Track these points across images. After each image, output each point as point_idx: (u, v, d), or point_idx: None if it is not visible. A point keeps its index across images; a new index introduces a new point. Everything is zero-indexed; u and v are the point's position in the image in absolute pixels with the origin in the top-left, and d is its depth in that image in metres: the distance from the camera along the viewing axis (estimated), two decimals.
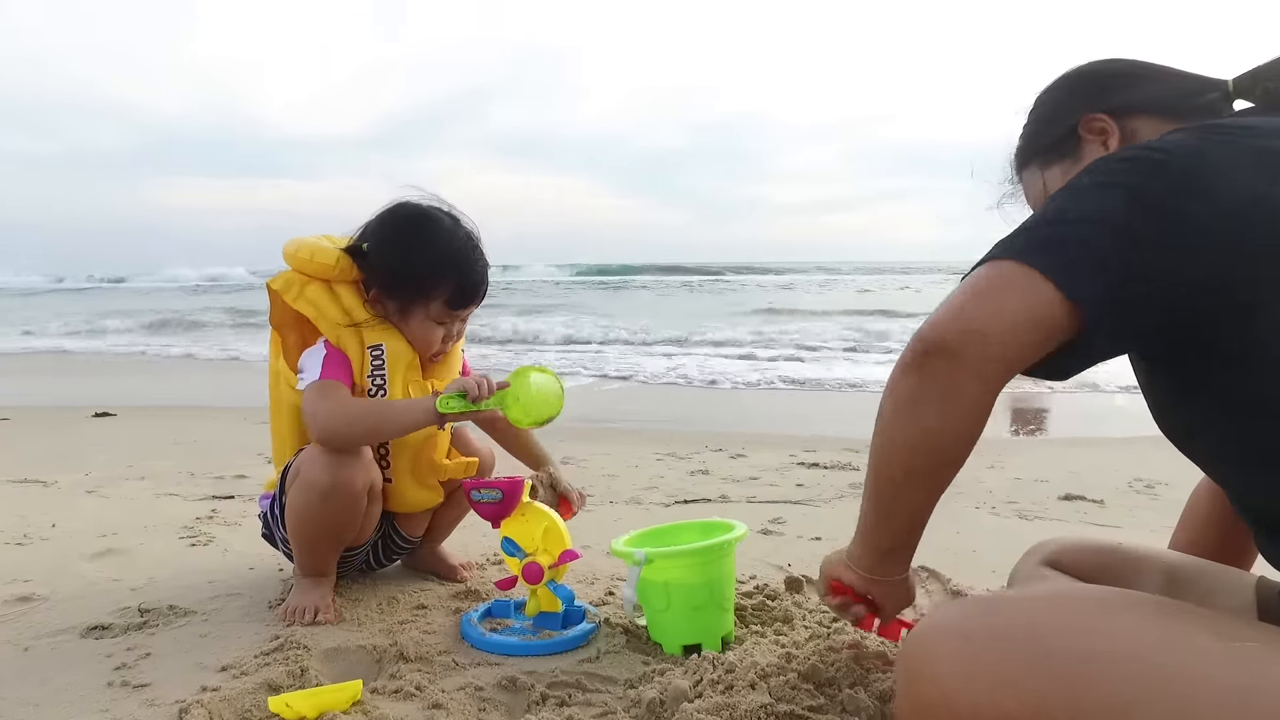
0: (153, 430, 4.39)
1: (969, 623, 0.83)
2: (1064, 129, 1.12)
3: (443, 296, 1.68)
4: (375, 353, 1.67)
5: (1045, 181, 1.17)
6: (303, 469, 1.60)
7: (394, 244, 1.68)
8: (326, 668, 1.40)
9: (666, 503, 2.80)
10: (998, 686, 0.77)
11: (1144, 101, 1.07)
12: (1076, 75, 1.15)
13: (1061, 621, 0.80)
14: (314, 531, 1.62)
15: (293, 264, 1.71)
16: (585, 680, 1.36)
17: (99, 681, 1.35)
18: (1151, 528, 2.45)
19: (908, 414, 0.91)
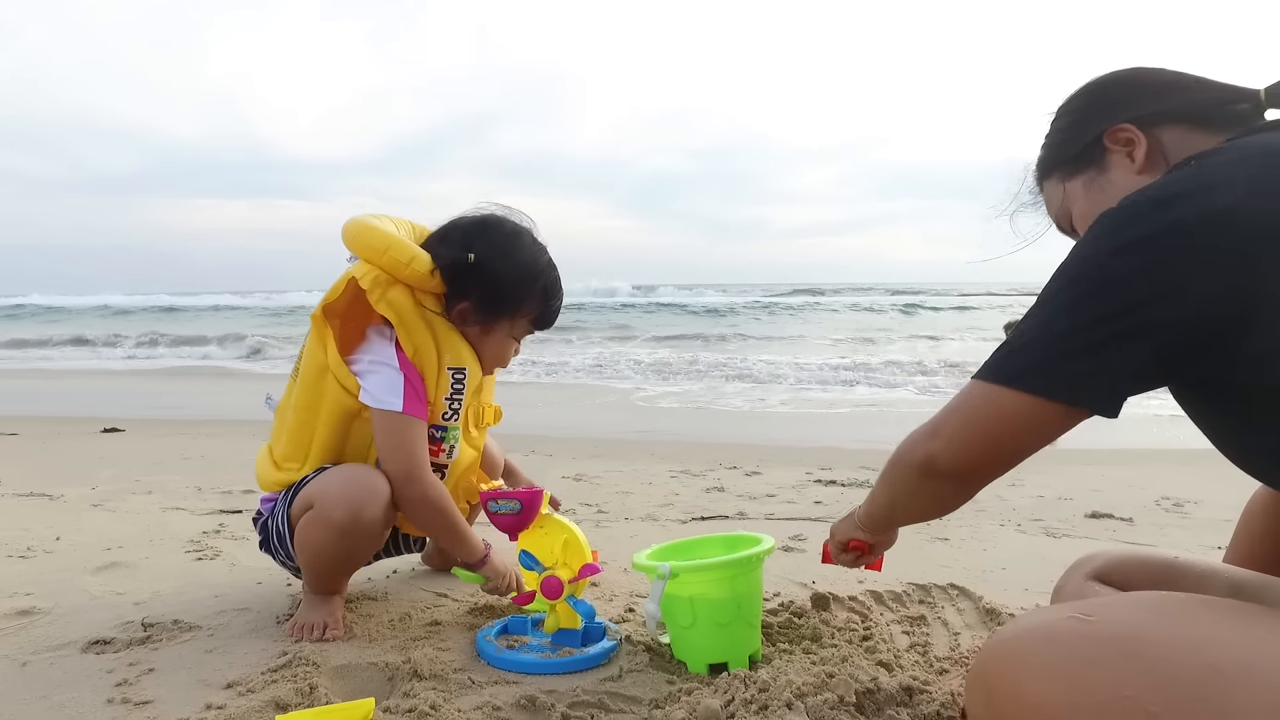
0: (160, 445, 4.35)
1: (1063, 633, 0.74)
2: (1088, 139, 1.08)
3: (530, 315, 1.67)
4: (458, 376, 1.61)
5: (1067, 192, 1.13)
6: (318, 502, 1.49)
7: (499, 256, 1.61)
8: (336, 685, 1.34)
9: (683, 519, 2.73)
10: (1109, 703, 0.69)
11: (1172, 111, 1.03)
12: (1101, 84, 1.10)
13: (1172, 629, 0.72)
14: (328, 563, 1.55)
15: (381, 262, 1.55)
16: (608, 700, 1.29)
17: (99, 698, 1.29)
18: (1185, 546, 2.38)
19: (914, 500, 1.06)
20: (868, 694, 1.16)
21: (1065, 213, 1.15)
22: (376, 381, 1.54)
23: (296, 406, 1.61)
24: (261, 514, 1.68)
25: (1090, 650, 0.72)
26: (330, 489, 1.49)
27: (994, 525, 2.64)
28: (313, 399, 1.59)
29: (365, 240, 1.56)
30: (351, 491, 1.48)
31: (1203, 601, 0.80)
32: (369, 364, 1.56)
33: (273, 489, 1.64)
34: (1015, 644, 0.77)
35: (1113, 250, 0.84)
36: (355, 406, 1.57)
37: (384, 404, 1.52)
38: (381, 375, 1.54)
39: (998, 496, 3.10)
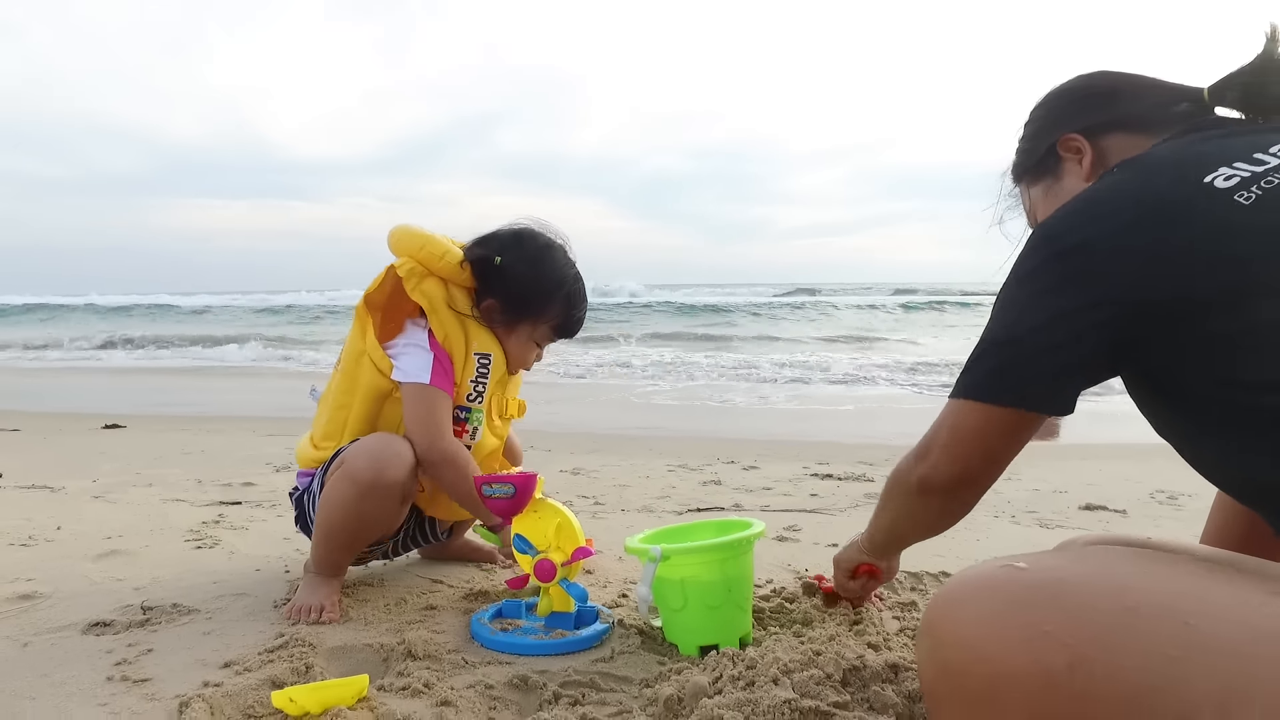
0: (161, 440, 4.38)
1: (995, 580, 0.80)
2: (1044, 148, 1.15)
3: (552, 321, 1.79)
4: (483, 360, 1.74)
5: (1031, 198, 1.21)
6: (347, 460, 1.59)
7: (527, 263, 1.74)
8: (332, 665, 1.36)
9: (679, 511, 2.75)
10: (1033, 639, 0.73)
11: (1117, 119, 1.10)
12: (1056, 94, 1.18)
13: (1097, 575, 0.77)
14: (341, 524, 1.60)
15: (418, 256, 1.70)
16: (599, 679, 1.31)
17: (98, 676, 1.31)
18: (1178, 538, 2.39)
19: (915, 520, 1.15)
20: (853, 671, 1.17)
21: (1032, 215, 1.23)
22: (408, 360, 1.68)
23: (335, 390, 1.75)
24: (297, 488, 1.78)
25: (1019, 593, 0.77)
26: (359, 449, 1.60)
27: (988, 516, 2.65)
28: (350, 382, 1.73)
29: (406, 240, 1.72)
30: (377, 451, 1.58)
31: (1130, 552, 0.85)
32: (403, 346, 1.70)
33: (309, 465, 1.76)
34: (955, 592, 0.82)
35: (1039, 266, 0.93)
36: (388, 387, 1.69)
37: (413, 377, 1.66)
38: (413, 355, 1.68)
39: (993, 490, 3.10)
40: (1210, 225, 0.84)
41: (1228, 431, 0.87)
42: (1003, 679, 0.74)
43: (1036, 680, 0.72)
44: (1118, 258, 0.87)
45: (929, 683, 0.83)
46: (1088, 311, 0.88)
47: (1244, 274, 0.82)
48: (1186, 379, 0.88)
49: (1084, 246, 0.89)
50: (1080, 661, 0.71)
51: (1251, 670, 0.66)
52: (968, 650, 0.77)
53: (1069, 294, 0.89)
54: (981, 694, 0.76)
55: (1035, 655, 0.73)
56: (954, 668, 0.78)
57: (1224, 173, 0.86)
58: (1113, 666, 0.70)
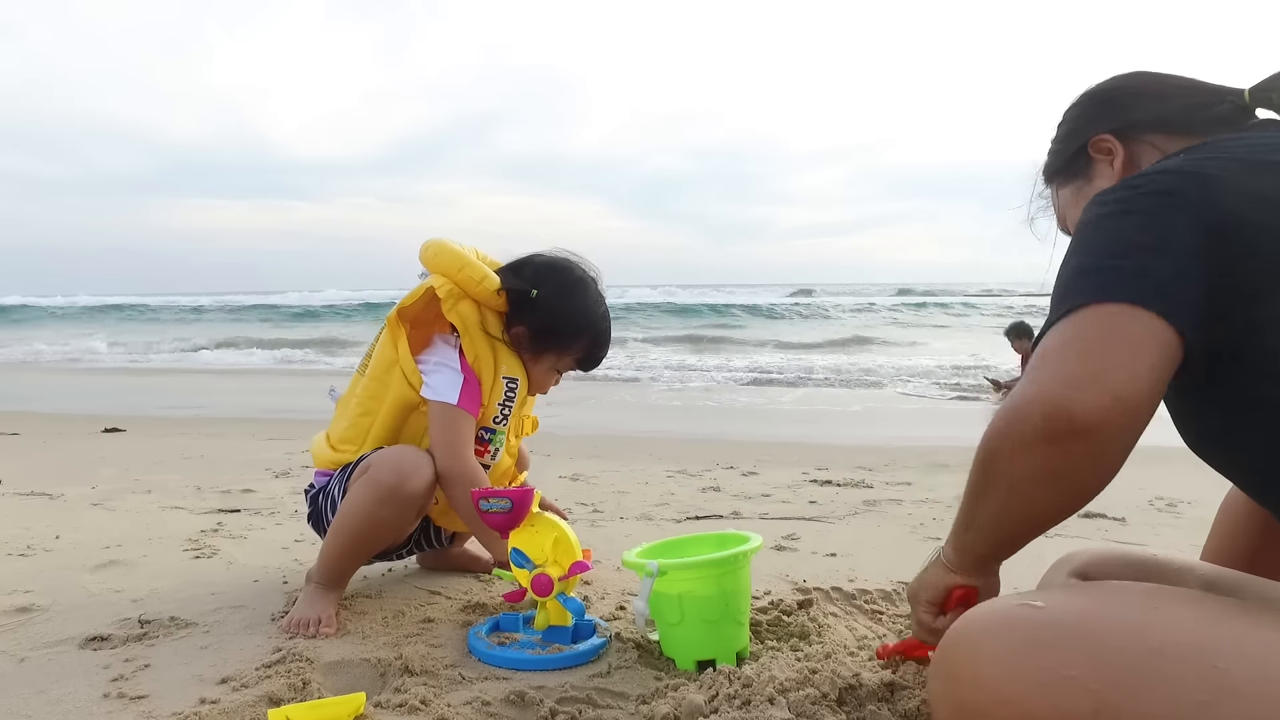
0: (161, 445, 4.38)
1: (1011, 618, 0.77)
2: (1075, 148, 1.13)
3: (577, 355, 1.85)
4: (511, 385, 1.79)
5: (1061, 198, 1.19)
6: (372, 466, 1.63)
7: (561, 298, 1.80)
8: (329, 681, 1.36)
9: (678, 519, 2.75)
10: (1055, 684, 0.71)
11: (1150, 120, 1.07)
12: (1089, 94, 1.15)
13: (1118, 614, 0.75)
14: (357, 528, 1.63)
15: (456, 278, 1.73)
16: (596, 695, 1.31)
17: (95, 693, 1.31)
18: (1178, 546, 2.39)
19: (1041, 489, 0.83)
20: (850, 689, 1.17)
21: (1062, 216, 1.21)
22: (438, 379, 1.72)
23: (362, 396, 1.78)
24: (314, 486, 1.82)
25: (1039, 634, 0.74)
26: (384, 457, 1.65)
27: None
28: (379, 389, 1.76)
29: (445, 259, 1.74)
30: (402, 461, 1.62)
31: (1150, 589, 0.83)
32: (434, 364, 1.75)
33: (327, 466, 1.79)
34: (971, 631, 0.79)
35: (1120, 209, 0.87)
36: (415, 400, 1.74)
37: (441, 396, 1.71)
38: (444, 374, 1.73)
39: None
40: None
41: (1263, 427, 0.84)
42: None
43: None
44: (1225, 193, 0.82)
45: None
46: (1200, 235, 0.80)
47: None
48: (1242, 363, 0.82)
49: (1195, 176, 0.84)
50: (1105, 708, 0.69)
51: None
52: (986, 691, 0.75)
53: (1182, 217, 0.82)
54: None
55: (1058, 700, 0.71)
56: (970, 709, 0.76)
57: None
58: (1140, 713, 0.68)
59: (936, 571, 1.12)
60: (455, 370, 1.73)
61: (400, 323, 1.77)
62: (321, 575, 1.67)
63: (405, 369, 1.73)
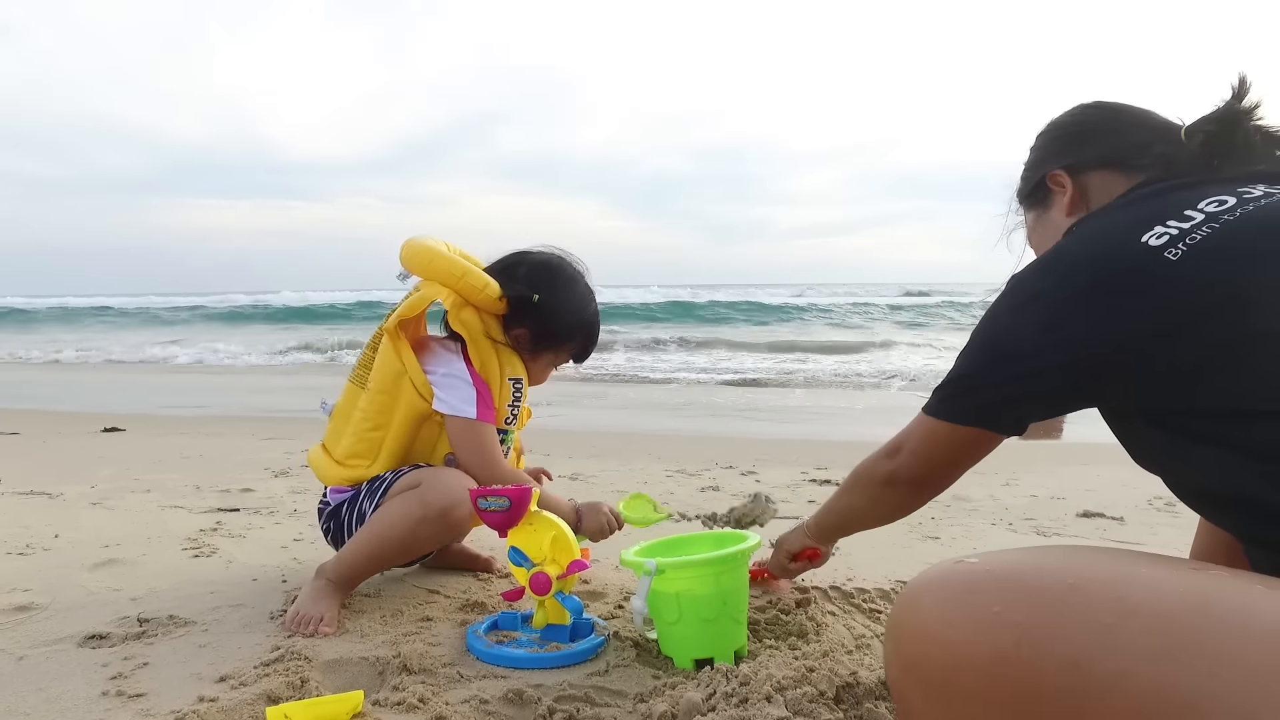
0: (160, 444, 4.38)
1: (949, 573, 0.84)
2: (1037, 179, 1.25)
3: (572, 349, 1.90)
4: (516, 385, 1.83)
5: (1028, 223, 1.32)
6: (425, 484, 1.65)
7: (559, 299, 1.84)
8: (328, 679, 1.36)
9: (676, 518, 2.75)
10: (984, 621, 0.77)
11: (1098, 158, 1.18)
12: (1049, 128, 1.27)
13: (1042, 560, 0.82)
14: (393, 541, 1.64)
15: (458, 286, 1.74)
16: (594, 694, 1.31)
17: (94, 691, 1.31)
18: (1175, 546, 2.39)
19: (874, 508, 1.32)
20: (847, 688, 1.18)
21: (1030, 239, 1.33)
22: (452, 392, 1.73)
23: (369, 410, 1.77)
24: (329, 503, 1.81)
25: (971, 581, 0.81)
26: (438, 480, 1.66)
27: (985, 524, 2.65)
28: (388, 402, 1.75)
29: (441, 266, 1.74)
30: (456, 488, 1.63)
31: (1080, 546, 0.89)
32: (443, 376, 1.75)
33: (341, 483, 1.78)
34: (913, 590, 0.85)
35: (1006, 309, 1.04)
36: (427, 410, 1.74)
37: (460, 411, 1.72)
38: (456, 386, 1.74)
39: (990, 496, 3.12)
40: (1145, 281, 0.93)
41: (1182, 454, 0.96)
42: (959, 663, 0.78)
43: (988, 659, 0.76)
44: (1070, 313, 0.97)
45: (894, 680, 0.86)
46: (1044, 354, 0.98)
47: (1166, 319, 0.91)
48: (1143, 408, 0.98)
49: (1041, 297, 1.00)
50: (1025, 636, 0.75)
51: (1175, 633, 0.71)
52: (924, 640, 0.81)
53: (1029, 336, 1.00)
54: (940, 680, 0.79)
55: (986, 636, 0.77)
56: (913, 659, 0.82)
57: (1157, 230, 0.94)
58: (1053, 638, 0.75)
59: (799, 534, 1.63)
60: (466, 382, 1.74)
61: (401, 334, 1.77)
62: (337, 575, 1.67)
63: (415, 381, 1.73)
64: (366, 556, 1.67)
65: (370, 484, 1.74)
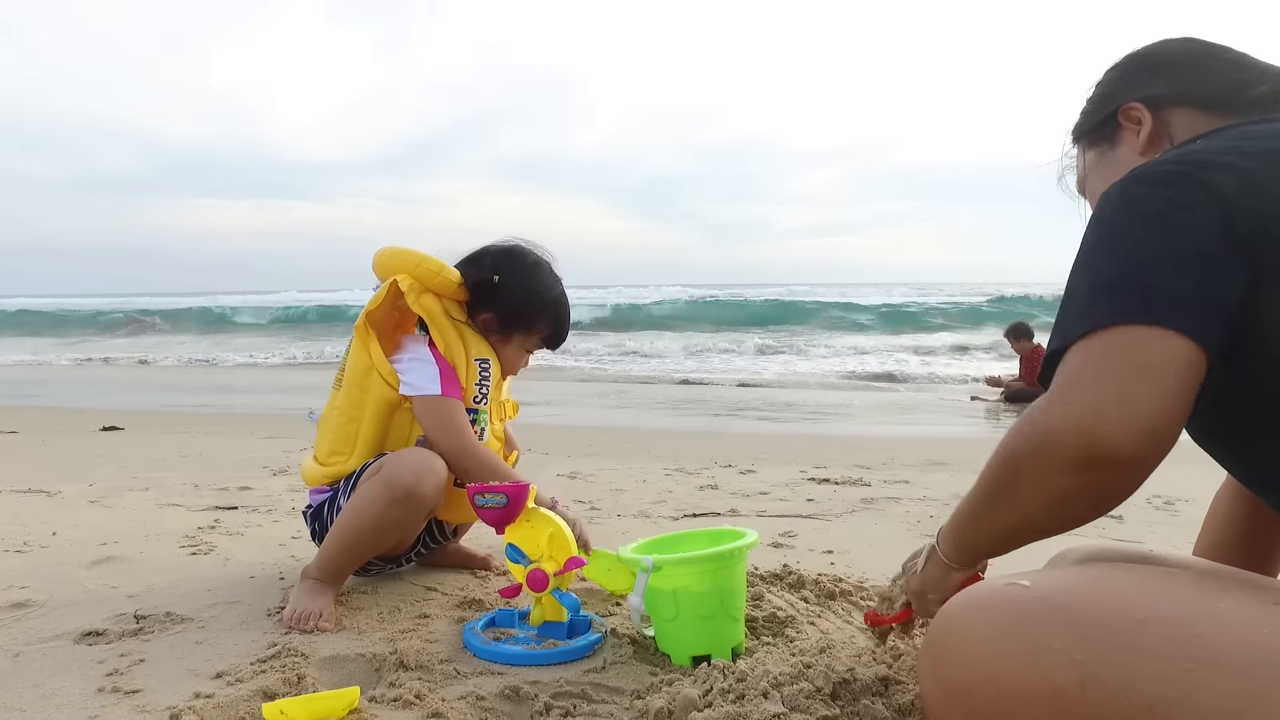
0: (159, 443, 4.38)
1: (998, 597, 0.78)
2: (1106, 113, 1.10)
3: (542, 333, 1.91)
4: (483, 365, 1.83)
5: (1085, 163, 1.16)
6: (386, 467, 1.65)
7: (521, 280, 1.86)
8: (324, 675, 1.36)
9: (675, 516, 2.75)
10: (1042, 657, 0.71)
11: (1183, 93, 1.03)
12: (1131, 57, 1.11)
13: (1103, 590, 0.76)
14: (365, 528, 1.64)
15: (415, 273, 1.78)
16: (591, 690, 1.31)
17: (90, 687, 1.31)
18: (1174, 544, 2.39)
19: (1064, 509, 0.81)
20: (843, 684, 1.17)
21: (1081, 180, 1.19)
22: (415, 374, 1.75)
23: (341, 406, 1.79)
24: (311, 505, 1.82)
25: (1025, 610, 0.75)
26: (400, 459, 1.67)
27: None
28: (358, 395, 1.78)
29: (400, 259, 1.80)
30: (418, 463, 1.64)
31: (1135, 568, 0.84)
32: (407, 361, 1.77)
33: (320, 482, 1.81)
34: (958, 611, 0.80)
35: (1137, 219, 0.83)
36: (396, 399, 1.76)
37: (423, 390, 1.73)
38: (419, 368, 1.75)
39: None
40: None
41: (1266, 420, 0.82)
42: (1011, 698, 0.73)
43: (1046, 698, 0.71)
44: (1249, 191, 0.80)
45: (933, 704, 0.81)
46: (1225, 238, 0.78)
47: None
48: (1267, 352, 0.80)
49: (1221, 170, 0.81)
50: (1092, 678, 0.70)
51: (1260, 684, 0.66)
52: (973, 669, 0.75)
53: (1208, 219, 0.79)
54: (989, 712, 0.74)
55: (1044, 673, 0.71)
56: (959, 687, 0.76)
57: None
58: (1124, 682, 0.69)
59: (939, 570, 1.13)
60: (429, 362, 1.76)
61: (369, 328, 1.80)
62: (320, 572, 1.67)
63: (381, 371, 1.76)
64: (343, 548, 1.66)
65: (345, 480, 1.75)
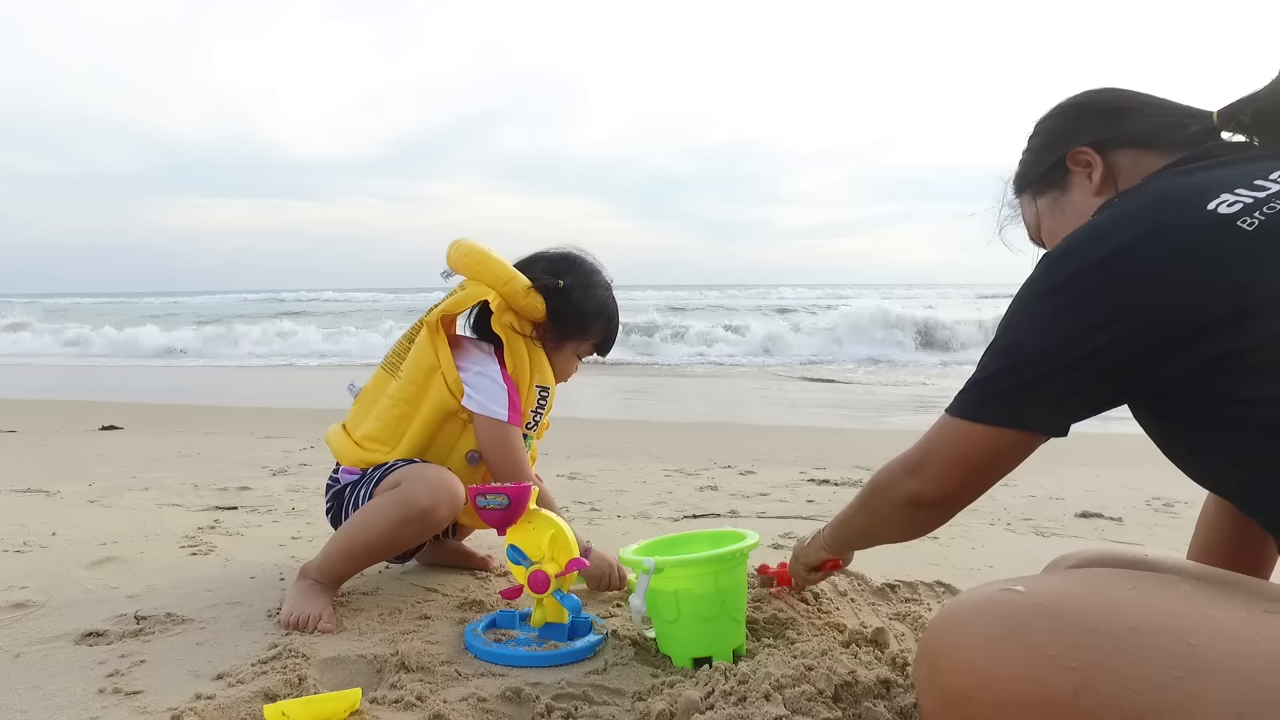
0: (159, 442, 4.38)
1: (993, 603, 0.78)
2: (1054, 159, 1.15)
3: (595, 340, 1.93)
4: (542, 394, 1.86)
5: (1037, 209, 1.21)
6: (405, 484, 1.64)
7: (582, 287, 1.87)
8: (325, 677, 1.36)
9: (675, 517, 2.75)
10: (1037, 664, 0.72)
11: (1128, 135, 1.10)
12: (1068, 106, 1.18)
13: (1098, 596, 0.76)
14: (373, 542, 1.65)
15: (503, 290, 1.77)
16: (592, 692, 1.31)
17: (90, 688, 1.31)
18: (1173, 546, 2.39)
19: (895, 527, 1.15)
20: (845, 686, 1.17)
21: (1035, 227, 1.23)
22: (484, 391, 1.76)
23: (396, 398, 1.79)
24: (338, 480, 1.82)
25: (1020, 616, 0.76)
26: (419, 477, 1.65)
27: (984, 524, 2.65)
28: (416, 392, 1.77)
29: (489, 268, 1.78)
30: (438, 486, 1.63)
31: (1128, 574, 0.84)
32: (475, 374, 1.78)
33: (355, 464, 1.79)
34: (953, 617, 0.80)
35: (1048, 290, 0.93)
36: (455, 407, 1.77)
37: (491, 412, 1.75)
38: (488, 388, 1.77)
39: (989, 496, 3.12)
40: (1215, 250, 0.84)
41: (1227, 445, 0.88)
42: (1006, 705, 0.73)
43: (1042, 705, 0.72)
44: (1128, 279, 0.87)
45: (929, 710, 0.81)
46: (1098, 332, 0.88)
47: (1247, 297, 0.82)
48: (1189, 399, 0.88)
49: (1097, 267, 0.89)
50: (1085, 685, 0.70)
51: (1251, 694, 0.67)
52: (969, 676, 0.76)
53: (1079, 314, 0.89)
54: None
55: (1040, 681, 0.72)
56: (955, 694, 0.77)
57: (1226, 199, 0.86)
58: (1118, 689, 0.70)
59: (815, 548, 1.52)
60: (498, 383, 1.76)
61: (441, 329, 1.80)
62: (320, 574, 1.67)
63: (448, 377, 1.75)
64: (348, 556, 1.67)
65: (373, 470, 1.74)
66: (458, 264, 1.80)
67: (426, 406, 1.76)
